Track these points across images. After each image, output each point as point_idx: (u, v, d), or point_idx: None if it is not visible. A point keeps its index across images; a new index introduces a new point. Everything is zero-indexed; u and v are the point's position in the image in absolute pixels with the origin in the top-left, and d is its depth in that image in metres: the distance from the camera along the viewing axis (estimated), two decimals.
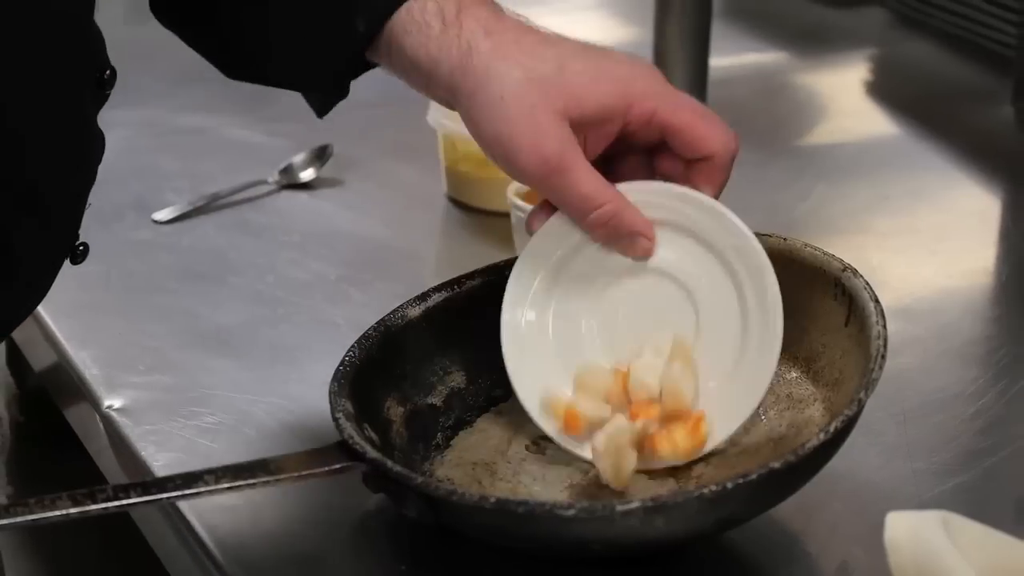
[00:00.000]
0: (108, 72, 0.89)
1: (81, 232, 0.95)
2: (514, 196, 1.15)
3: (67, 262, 0.92)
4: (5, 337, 0.93)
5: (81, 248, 0.93)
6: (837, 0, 1.87)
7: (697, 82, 1.37)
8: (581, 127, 0.85)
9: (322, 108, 0.94)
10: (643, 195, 0.87)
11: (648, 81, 0.86)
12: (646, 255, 0.88)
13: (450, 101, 0.87)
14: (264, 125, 1.43)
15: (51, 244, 0.91)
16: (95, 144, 0.90)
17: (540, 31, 0.87)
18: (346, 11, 0.88)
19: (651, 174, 0.88)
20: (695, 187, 0.87)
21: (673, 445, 0.86)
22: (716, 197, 0.87)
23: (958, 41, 1.69)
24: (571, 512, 0.77)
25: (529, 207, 1.12)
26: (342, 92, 0.93)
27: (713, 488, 0.76)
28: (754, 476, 0.76)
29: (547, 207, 0.90)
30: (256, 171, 1.34)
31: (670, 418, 0.86)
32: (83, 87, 0.88)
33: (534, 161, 0.84)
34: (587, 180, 0.85)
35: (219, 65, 0.96)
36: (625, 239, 0.88)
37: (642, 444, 0.86)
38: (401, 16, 0.87)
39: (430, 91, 0.88)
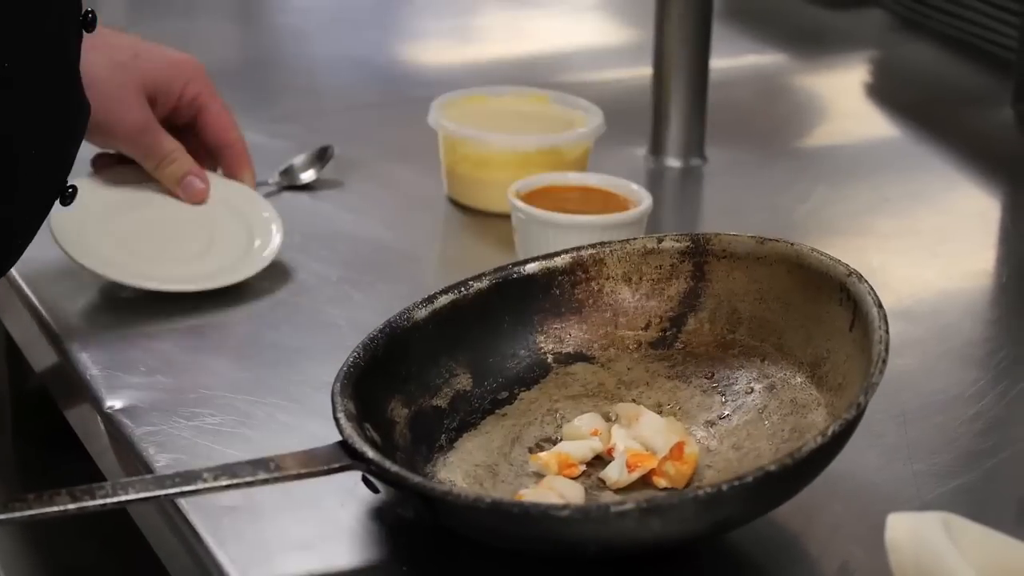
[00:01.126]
0: (90, 13, 0.93)
1: None
2: (514, 198, 1.15)
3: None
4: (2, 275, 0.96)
5: (71, 190, 0.99)
6: (837, 2, 1.87)
7: (697, 84, 1.37)
8: (151, 101, 1.13)
9: None
10: None
11: (197, 71, 1.17)
12: (202, 198, 1.17)
13: None
14: (265, 126, 1.43)
15: (40, 186, 0.93)
16: (81, 96, 0.94)
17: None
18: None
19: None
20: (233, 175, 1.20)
21: (668, 477, 0.88)
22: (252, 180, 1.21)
23: (958, 43, 1.69)
24: (565, 513, 0.77)
25: (530, 208, 1.13)
26: None
27: (708, 490, 0.76)
28: (749, 479, 0.76)
29: (105, 160, 1.17)
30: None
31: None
32: (68, 26, 0.91)
33: (129, 125, 1.12)
34: (168, 140, 1.14)
35: None
36: (187, 183, 1.16)
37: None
38: None
39: None
